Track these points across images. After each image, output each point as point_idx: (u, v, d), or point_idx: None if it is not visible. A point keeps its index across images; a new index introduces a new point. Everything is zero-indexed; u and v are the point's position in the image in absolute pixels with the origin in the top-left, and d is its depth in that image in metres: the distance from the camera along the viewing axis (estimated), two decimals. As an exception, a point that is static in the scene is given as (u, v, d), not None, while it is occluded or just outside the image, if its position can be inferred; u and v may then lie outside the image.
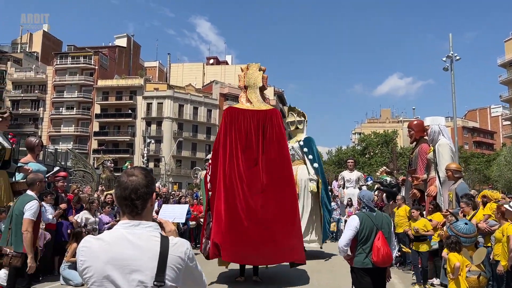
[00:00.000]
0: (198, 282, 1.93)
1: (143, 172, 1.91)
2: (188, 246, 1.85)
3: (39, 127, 58.61)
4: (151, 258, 1.73)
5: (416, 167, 9.20)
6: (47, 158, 20.87)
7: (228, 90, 61.80)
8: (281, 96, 72.18)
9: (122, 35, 70.80)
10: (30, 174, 6.00)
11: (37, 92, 59.59)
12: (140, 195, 1.82)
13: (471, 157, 52.41)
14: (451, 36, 24.33)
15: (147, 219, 1.86)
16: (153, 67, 77.06)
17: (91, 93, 59.58)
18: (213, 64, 77.48)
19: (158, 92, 58.92)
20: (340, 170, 19.45)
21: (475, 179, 38.23)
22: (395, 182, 11.33)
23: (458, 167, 7.46)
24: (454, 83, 23.54)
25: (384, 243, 4.45)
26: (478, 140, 76.20)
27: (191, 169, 31.75)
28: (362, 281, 4.55)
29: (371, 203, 4.75)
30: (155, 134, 56.42)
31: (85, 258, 1.76)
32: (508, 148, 33.28)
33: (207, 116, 60.73)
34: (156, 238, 1.79)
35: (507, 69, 53.62)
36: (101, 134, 58.53)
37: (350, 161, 14.77)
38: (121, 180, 1.87)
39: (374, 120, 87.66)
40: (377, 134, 58.23)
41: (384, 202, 11.35)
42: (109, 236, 1.82)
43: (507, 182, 25.46)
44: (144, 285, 1.70)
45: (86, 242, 1.81)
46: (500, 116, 71.12)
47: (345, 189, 14.23)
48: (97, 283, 1.73)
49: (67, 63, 59.91)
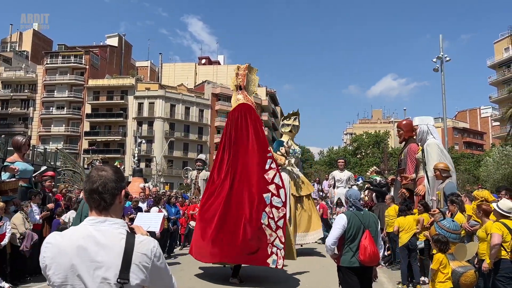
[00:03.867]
0: (167, 282, 1.88)
1: (113, 168, 1.90)
2: (155, 245, 1.80)
3: (29, 126, 58.03)
4: (115, 255, 1.70)
5: (405, 167, 9.25)
6: (36, 158, 20.64)
7: (220, 90, 61.69)
8: (273, 97, 72.23)
9: (114, 35, 70.35)
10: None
11: (27, 91, 58.99)
12: (108, 189, 1.81)
13: (461, 158, 52.89)
14: (441, 37, 24.56)
15: (115, 216, 1.84)
16: (144, 66, 76.70)
17: (82, 92, 59.11)
18: (205, 64, 77.32)
19: (149, 92, 58.65)
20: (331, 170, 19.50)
21: (464, 180, 38.58)
22: (385, 181, 11.41)
23: (446, 167, 7.50)
24: (445, 83, 23.77)
25: (371, 242, 4.47)
26: (468, 141, 76.81)
27: (183, 169, 31.64)
28: (349, 280, 4.56)
29: (358, 202, 4.77)
30: (147, 134, 56.16)
31: (48, 254, 1.73)
32: (497, 148, 33.61)
33: (199, 116, 60.55)
34: (121, 235, 1.76)
35: (496, 70, 54.15)
36: (92, 134, 58.08)
37: (340, 161, 14.82)
38: (90, 174, 1.86)
39: (365, 121, 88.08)
40: (368, 134, 58.56)
41: (374, 201, 11.42)
42: (74, 232, 1.79)
43: (495, 182, 25.73)
44: (107, 281, 1.67)
45: (50, 238, 1.78)
46: (490, 117, 71.82)
47: (336, 189, 14.26)
48: (60, 279, 1.69)
49: (58, 62, 59.35)
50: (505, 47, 53.12)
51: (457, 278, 5.01)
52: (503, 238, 5.01)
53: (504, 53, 52.86)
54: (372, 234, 4.55)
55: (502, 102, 50.22)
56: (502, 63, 52.94)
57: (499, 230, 5.02)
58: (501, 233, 5.00)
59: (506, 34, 53.45)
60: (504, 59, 52.50)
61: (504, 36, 53.87)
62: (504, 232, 5.02)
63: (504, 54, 52.81)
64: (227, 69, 72.17)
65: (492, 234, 5.02)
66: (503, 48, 53.45)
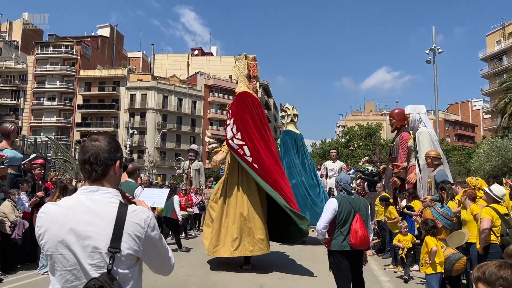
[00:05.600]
0: (162, 255, 1.84)
1: (107, 138, 1.85)
2: (149, 215, 1.76)
3: (20, 117, 57.46)
4: (106, 224, 1.67)
5: (397, 155, 9.26)
6: (27, 149, 20.44)
7: (213, 81, 61.44)
8: (267, 88, 72.09)
9: (105, 25, 69.68)
10: (130, 164, 6.18)
11: (17, 82, 58.36)
12: (100, 159, 1.77)
13: (452, 150, 53.26)
14: (433, 29, 24.61)
15: (109, 187, 1.80)
16: (136, 57, 76.11)
17: (73, 83, 58.58)
18: (198, 55, 76.91)
19: (141, 83, 58.29)
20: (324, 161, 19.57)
21: (455, 172, 38.93)
22: (376, 171, 11.45)
23: (437, 155, 7.53)
24: (437, 75, 23.88)
25: (361, 226, 4.47)
26: (459, 133, 77.39)
27: (175, 160, 31.58)
28: (339, 264, 4.56)
29: (348, 186, 4.76)
30: (139, 125, 55.91)
31: (41, 223, 1.71)
32: (487, 140, 33.86)
33: (191, 108, 60.34)
34: (114, 204, 1.73)
35: (488, 62, 54.47)
36: (83, 125, 57.69)
37: (333, 151, 14.83)
38: (84, 144, 1.83)
39: (358, 113, 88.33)
40: (361, 126, 58.68)
41: (366, 191, 11.46)
42: (67, 202, 1.77)
43: (486, 174, 25.95)
44: (98, 251, 1.64)
45: (44, 208, 1.76)
46: (481, 109, 72.34)
47: (328, 179, 14.29)
48: (52, 248, 1.67)
49: (49, 52, 58.73)
50: (497, 39, 53.41)
51: (451, 265, 5.06)
52: (493, 223, 5.03)
53: (496, 46, 53.15)
54: (363, 218, 4.56)
55: (493, 94, 50.61)
56: (494, 55, 53.27)
57: (489, 215, 5.04)
58: (490, 217, 5.03)
59: (498, 27, 53.72)
60: (496, 51, 52.84)
61: (496, 28, 54.16)
62: (494, 216, 5.04)
63: (496, 47, 53.11)
64: (220, 60, 71.86)
65: (482, 218, 5.05)
66: (495, 41, 53.74)
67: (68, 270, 1.66)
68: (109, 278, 1.60)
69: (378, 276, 7.48)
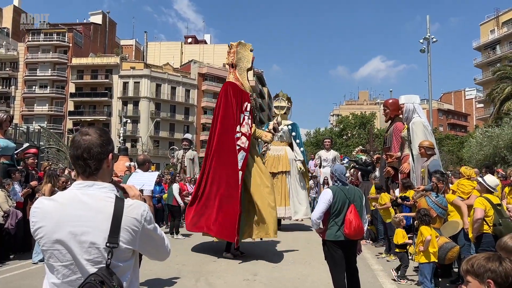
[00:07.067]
0: (159, 246, 1.86)
1: (98, 131, 1.82)
2: (145, 208, 1.76)
3: (11, 106, 56.83)
4: (104, 219, 1.66)
5: (391, 145, 9.29)
6: (19, 137, 20.26)
7: (206, 70, 61.07)
8: (261, 77, 71.80)
9: (97, 12, 68.71)
10: (140, 156, 6.25)
11: (8, 69, 57.61)
12: (93, 154, 1.74)
13: (445, 139, 53.59)
14: (428, 18, 24.56)
15: (103, 180, 1.79)
16: (129, 45, 75.21)
17: (65, 71, 57.94)
18: (191, 43, 76.21)
19: (134, 71, 57.77)
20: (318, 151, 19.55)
21: (448, 161, 39.20)
22: (370, 160, 11.50)
23: (431, 144, 7.56)
24: (431, 65, 23.91)
25: (356, 216, 4.50)
26: (452, 122, 77.86)
27: (169, 149, 31.48)
28: (334, 254, 4.60)
29: (343, 176, 4.78)
30: (132, 114, 55.54)
31: (36, 219, 1.69)
32: (480, 129, 34.08)
33: (185, 96, 60.02)
34: (110, 199, 1.72)
35: (482, 52, 54.53)
36: (76, 113, 57.21)
37: (327, 140, 14.87)
38: (75, 139, 1.79)
39: (352, 102, 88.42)
40: (355, 115, 58.79)
41: (359, 180, 11.52)
42: (61, 196, 1.75)
43: (478, 163, 26.16)
44: (96, 246, 1.64)
45: (38, 203, 1.74)
46: (474, 98, 72.68)
47: (322, 168, 14.35)
48: (48, 244, 1.66)
49: (40, 40, 57.89)
50: (490, 29, 53.40)
51: (445, 253, 5.13)
52: (486, 213, 5.09)
53: (490, 35, 53.16)
54: (357, 209, 4.59)
55: (486, 84, 50.75)
56: (487, 45, 53.30)
57: (482, 204, 5.10)
58: (483, 207, 5.09)
59: (492, 16, 53.70)
60: (489, 41, 52.85)
61: (490, 18, 54.11)
62: (487, 206, 5.10)
63: (489, 36, 53.12)
64: (213, 48, 71.31)
65: (475, 208, 5.11)
66: (488, 30, 53.72)
67: (64, 266, 1.65)
68: (109, 273, 1.61)
69: (371, 264, 7.55)
